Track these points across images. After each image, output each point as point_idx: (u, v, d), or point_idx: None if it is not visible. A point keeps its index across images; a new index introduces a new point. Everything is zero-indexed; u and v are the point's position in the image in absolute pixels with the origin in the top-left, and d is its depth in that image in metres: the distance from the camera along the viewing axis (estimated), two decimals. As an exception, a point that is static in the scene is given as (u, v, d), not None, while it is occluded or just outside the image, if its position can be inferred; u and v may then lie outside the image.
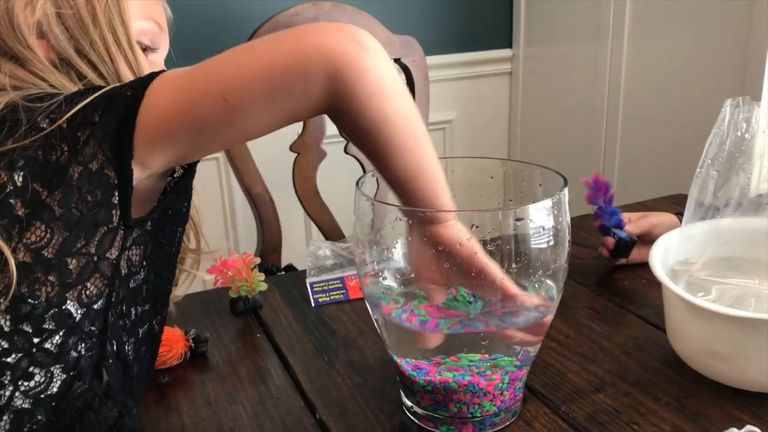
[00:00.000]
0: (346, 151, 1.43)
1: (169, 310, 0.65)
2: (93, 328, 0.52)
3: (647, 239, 0.88)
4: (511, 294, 0.55)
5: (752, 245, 0.72)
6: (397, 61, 1.52)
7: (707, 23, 1.56)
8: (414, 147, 0.53)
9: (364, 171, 1.42)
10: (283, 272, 1.28)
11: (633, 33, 1.78)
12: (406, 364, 0.61)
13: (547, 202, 0.55)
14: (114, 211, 0.52)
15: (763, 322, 0.60)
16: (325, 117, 1.40)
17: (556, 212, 0.56)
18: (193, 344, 0.75)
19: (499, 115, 2.27)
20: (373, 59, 0.50)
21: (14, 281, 0.49)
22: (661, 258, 0.71)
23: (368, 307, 0.62)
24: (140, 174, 0.52)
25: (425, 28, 2.00)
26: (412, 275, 0.59)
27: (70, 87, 0.59)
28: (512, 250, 0.56)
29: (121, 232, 0.52)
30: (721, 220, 0.73)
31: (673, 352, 0.71)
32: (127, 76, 0.63)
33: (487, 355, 0.58)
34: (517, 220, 0.54)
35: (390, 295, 0.61)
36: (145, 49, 0.67)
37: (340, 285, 0.90)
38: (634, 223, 0.93)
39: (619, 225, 0.91)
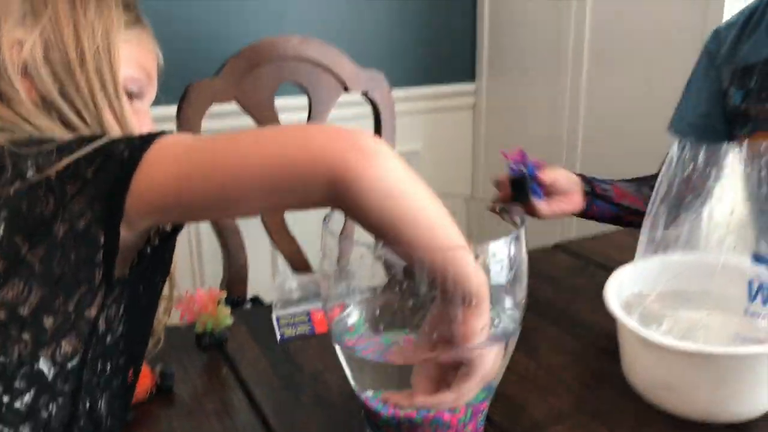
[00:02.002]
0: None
1: None
2: (65, 387, 0.52)
3: (552, 190, 0.98)
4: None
5: (700, 278, 0.75)
6: (364, 94, 1.55)
7: (662, 57, 1.63)
8: (429, 239, 0.50)
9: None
10: (249, 304, 1.28)
11: (592, 67, 1.85)
12: (370, 399, 0.62)
13: (506, 240, 0.57)
14: (97, 270, 0.51)
15: (710, 356, 0.63)
16: None
17: (515, 249, 0.58)
18: (159, 380, 0.75)
19: (464, 147, 2.32)
20: (375, 165, 0.48)
21: None
22: (617, 290, 0.74)
23: (333, 341, 0.64)
24: (126, 234, 0.51)
25: (391, 62, 2.05)
26: (377, 312, 0.60)
27: (56, 131, 0.58)
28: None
29: (102, 291, 0.52)
30: (672, 255, 0.77)
31: (628, 391, 0.74)
32: (111, 124, 0.62)
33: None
34: (476, 257, 0.56)
35: (354, 330, 0.63)
36: (131, 96, 0.67)
37: (306, 319, 0.91)
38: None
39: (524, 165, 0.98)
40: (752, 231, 0.71)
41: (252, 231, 1.50)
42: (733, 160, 0.73)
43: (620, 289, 0.75)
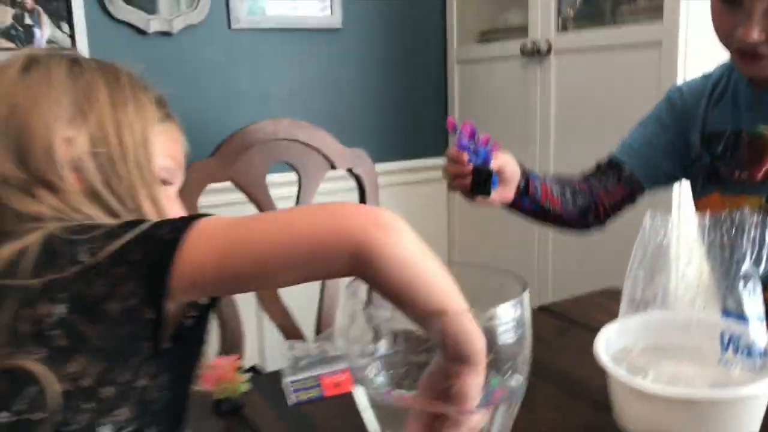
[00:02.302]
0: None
1: None
2: None
3: (501, 177, 0.99)
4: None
5: (677, 334, 0.84)
6: (349, 171, 1.65)
7: (623, 122, 1.77)
8: (440, 303, 0.57)
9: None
10: (251, 372, 1.32)
11: (558, 139, 1.99)
12: (395, 451, 0.68)
13: (513, 303, 0.65)
14: (147, 343, 0.56)
15: (694, 401, 0.71)
16: None
17: (519, 311, 0.66)
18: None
19: (439, 215, 2.43)
20: (393, 239, 0.54)
21: (55, 411, 0.53)
22: (604, 346, 0.82)
23: (357, 390, 0.70)
24: (170, 308, 0.56)
25: (369, 139, 2.17)
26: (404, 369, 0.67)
27: (102, 218, 0.64)
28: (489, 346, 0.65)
29: (153, 361, 0.57)
30: (651, 313, 0.86)
31: (620, 432, 0.81)
32: (149, 209, 0.68)
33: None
34: (490, 320, 0.64)
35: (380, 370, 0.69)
36: (163, 182, 0.73)
37: (316, 383, 0.96)
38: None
39: (485, 160, 0.96)
40: (718, 290, 0.80)
41: (242, 299, 1.55)
42: (696, 228, 0.83)
43: (607, 345, 0.83)
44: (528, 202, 1.06)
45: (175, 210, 0.75)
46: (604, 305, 1.13)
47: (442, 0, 2.29)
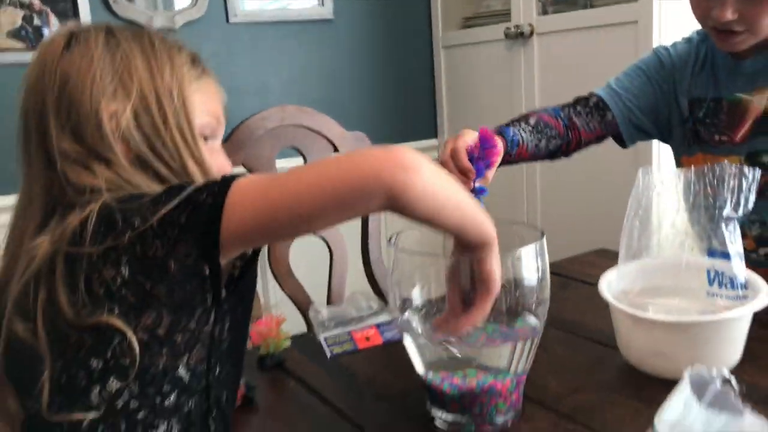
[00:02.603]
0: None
1: None
2: (199, 386, 0.66)
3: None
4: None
5: (670, 275, 0.96)
6: (350, 153, 1.75)
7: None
8: (459, 211, 0.65)
9: (330, 250, 1.62)
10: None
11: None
12: (439, 380, 0.79)
13: (535, 246, 0.77)
14: (208, 295, 0.64)
15: (689, 324, 0.83)
16: None
17: (540, 254, 0.77)
18: (246, 391, 0.90)
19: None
20: (417, 177, 0.60)
21: (137, 356, 0.61)
22: (606, 288, 0.94)
23: (405, 338, 0.81)
24: (224, 262, 0.64)
25: (364, 125, 2.26)
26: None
27: (150, 184, 0.69)
28: (512, 287, 0.77)
29: (214, 309, 0.65)
30: (646, 259, 0.98)
31: (623, 362, 0.93)
32: (193, 169, 0.72)
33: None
34: (516, 260, 0.75)
35: (422, 319, 0.80)
36: (205, 138, 0.76)
37: (349, 338, 1.07)
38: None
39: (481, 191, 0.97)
40: (704, 233, 0.92)
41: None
42: (682, 180, 0.95)
43: (609, 288, 0.95)
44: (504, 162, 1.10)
45: (219, 163, 0.78)
46: (598, 263, 1.25)
47: (426, -13, 2.40)
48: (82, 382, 0.62)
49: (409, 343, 0.81)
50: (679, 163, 1.26)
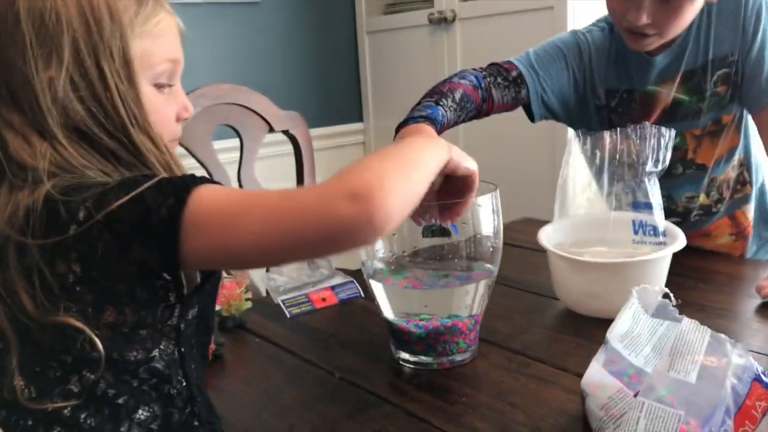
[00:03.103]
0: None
1: None
2: (175, 369, 0.64)
3: None
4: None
5: (600, 229, 1.07)
6: (285, 132, 1.78)
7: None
8: (418, 173, 0.64)
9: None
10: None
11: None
12: (405, 322, 0.86)
13: (491, 195, 0.84)
14: (170, 294, 0.62)
15: (620, 264, 0.94)
16: (232, 178, 1.64)
17: (495, 202, 0.85)
18: (215, 349, 0.93)
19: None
20: (376, 205, 0.55)
21: (103, 353, 0.59)
22: (544, 239, 1.03)
23: (373, 286, 0.87)
24: (184, 269, 0.61)
25: (290, 108, 2.29)
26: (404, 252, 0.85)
27: (94, 162, 0.63)
28: (471, 236, 0.84)
29: (178, 304, 0.63)
30: (576, 215, 1.08)
31: (560, 308, 1.03)
32: (140, 141, 0.65)
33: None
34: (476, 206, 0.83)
35: (389, 269, 0.87)
36: (162, 86, 0.69)
37: (306, 299, 1.12)
38: None
39: None
40: (629, 187, 1.03)
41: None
42: (608, 141, 1.05)
43: (546, 241, 1.05)
44: None
45: (180, 103, 0.71)
46: (525, 230, 1.35)
47: (349, -26, 2.45)
48: (57, 372, 0.60)
49: (379, 290, 0.87)
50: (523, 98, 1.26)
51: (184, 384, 0.66)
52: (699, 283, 1.10)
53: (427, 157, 0.66)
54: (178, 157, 0.68)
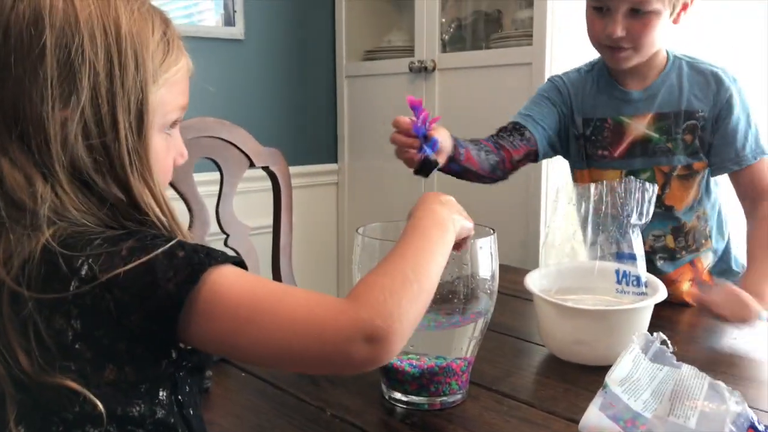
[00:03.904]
0: (225, 244, 1.65)
1: None
2: (175, 413, 0.63)
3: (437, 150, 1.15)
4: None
5: (584, 278, 1.10)
6: (265, 168, 1.79)
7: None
8: (429, 266, 0.65)
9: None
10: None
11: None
12: (399, 361, 0.86)
13: (490, 238, 0.87)
14: (172, 351, 0.61)
15: (607, 312, 0.97)
16: (210, 211, 1.66)
17: (493, 246, 0.87)
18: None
19: (329, 218, 2.62)
20: (390, 339, 0.57)
21: (104, 412, 0.57)
22: (531, 285, 1.06)
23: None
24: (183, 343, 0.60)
25: (269, 146, 2.31)
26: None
27: (88, 206, 0.61)
28: (469, 277, 0.86)
29: (179, 358, 0.62)
30: (561, 264, 1.11)
31: (545, 353, 1.05)
32: (139, 192, 0.63)
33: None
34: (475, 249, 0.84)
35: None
36: (168, 133, 0.68)
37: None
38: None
39: (433, 146, 1.12)
40: (614, 237, 1.07)
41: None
42: (594, 193, 1.09)
43: (533, 286, 1.07)
44: (454, 165, 1.27)
45: (176, 149, 0.71)
46: (505, 277, 1.37)
47: (331, 19, 2.50)
48: (59, 427, 0.58)
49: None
50: (573, 176, 1.44)
51: (184, 419, 0.64)
52: (675, 335, 1.13)
53: (439, 254, 0.67)
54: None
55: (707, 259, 1.39)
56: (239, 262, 0.60)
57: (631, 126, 1.32)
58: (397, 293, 0.59)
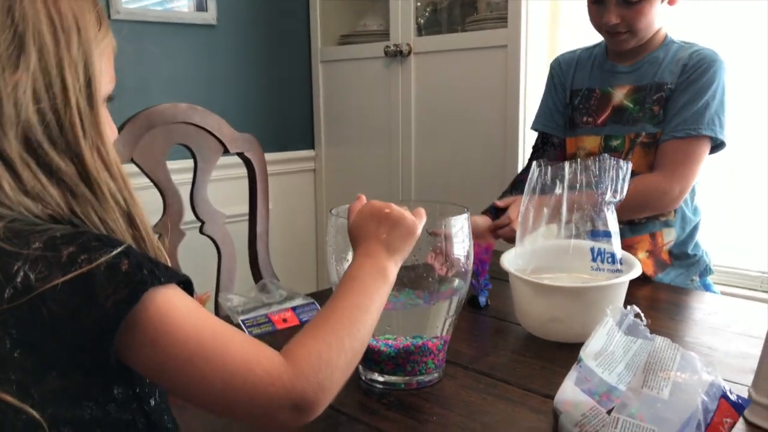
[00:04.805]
0: (201, 231, 1.63)
1: None
2: (132, 416, 0.61)
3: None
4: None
5: (559, 257, 1.10)
6: (240, 155, 1.77)
7: (474, 117, 2.07)
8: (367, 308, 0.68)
9: (218, 250, 1.63)
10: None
11: (419, 132, 2.24)
12: (375, 341, 0.86)
13: (464, 216, 0.86)
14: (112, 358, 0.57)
15: (581, 289, 0.97)
16: (185, 201, 1.64)
17: (466, 224, 0.87)
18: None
19: (307, 205, 2.60)
20: (320, 405, 0.60)
21: (45, 425, 0.54)
22: (507, 264, 1.06)
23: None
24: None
25: (244, 131, 2.28)
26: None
27: (40, 179, 0.59)
28: (444, 253, 0.85)
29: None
30: (536, 244, 1.11)
31: (520, 332, 1.05)
32: (91, 161, 0.62)
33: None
34: (448, 227, 0.84)
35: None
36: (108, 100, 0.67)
37: (266, 320, 1.10)
38: None
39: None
40: (588, 215, 1.07)
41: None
42: (568, 171, 1.09)
43: (508, 265, 1.07)
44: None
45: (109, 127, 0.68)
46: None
47: (305, 4, 2.46)
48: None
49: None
50: (563, 144, 1.51)
51: (145, 420, 0.63)
52: (649, 312, 1.14)
53: (375, 309, 0.69)
54: (130, 179, 0.64)
55: (669, 237, 1.42)
56: (185, 281, 0.60)
57: (614, 95, 1.42)
58: (331, 364, 0.61)
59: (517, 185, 1.46)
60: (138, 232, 0.64)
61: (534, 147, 1.57)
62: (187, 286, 0.61)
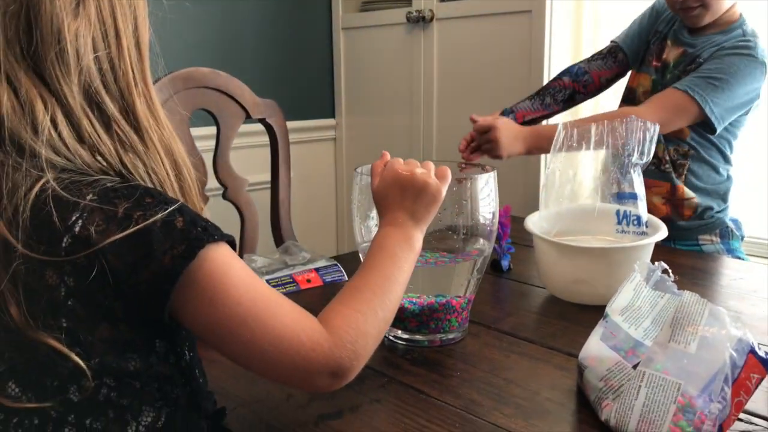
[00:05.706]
0: (224, 196, 1.64)
1: None
2: (176, 373, 0.62)
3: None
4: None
5: (584, 220, 1.09)
6: (262, 121, 1.77)
7: (496, 85, 2.05)
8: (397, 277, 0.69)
9: (241, 215, 1.64)
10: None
11: (441, 99, 2.23)
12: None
13: (491, 174, 0.86)
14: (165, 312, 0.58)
15: (606, 250, 0.96)
16: (209, 167, 1.63)
17: (492, 181, 0.86)
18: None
19: (328, 173, 2.60)
20: (354, 370, 0.62)
21: (89, 373, 0.55)
22: (531, 227, 1.05)
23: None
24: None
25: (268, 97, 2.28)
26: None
27: (96, 129, 0.60)
28: (468, 216, 0.85)
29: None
30: (561, 207, 1.10)
31: (543, 295, 1.05)
32: (142, 111, 0.63)
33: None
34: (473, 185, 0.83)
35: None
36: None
37: (291, 280, 1.11)
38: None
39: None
40: (615, 177, 1.06)
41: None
42: (595, 133, 1.08)
43: (532, 228, 1.07)
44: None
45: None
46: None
47: (326, -30, 2.45)
48: (54, 382, 0.57)
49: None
50: (622, 64, 1.57)
51: (187, 380, 0.64)
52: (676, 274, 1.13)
53: (404, 278, 0.70)
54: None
55: (690, 195, 1.43)
56: (231, 242, 0.61)
57: (672, 52, 1.46)
58: (366, 334, 0.63)
59: (541, 92, 1.59)
60: (185, 183, 0.65)
61: (598, 52, 1.59)
62: (232, 246, 0.61)
